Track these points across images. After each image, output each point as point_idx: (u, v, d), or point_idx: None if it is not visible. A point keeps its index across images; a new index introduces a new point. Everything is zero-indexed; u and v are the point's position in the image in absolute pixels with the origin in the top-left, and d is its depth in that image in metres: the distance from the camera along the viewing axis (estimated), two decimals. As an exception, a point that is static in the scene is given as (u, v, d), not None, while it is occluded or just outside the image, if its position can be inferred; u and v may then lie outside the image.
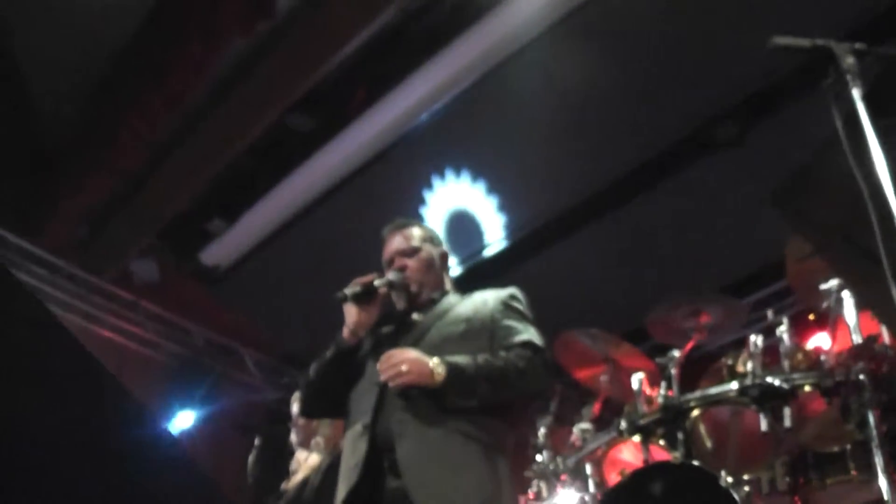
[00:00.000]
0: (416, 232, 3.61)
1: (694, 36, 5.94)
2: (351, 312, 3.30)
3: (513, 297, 3.38)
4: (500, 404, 3.12)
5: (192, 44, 6.34)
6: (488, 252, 7.57)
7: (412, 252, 3.51)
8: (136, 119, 6.95)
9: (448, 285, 3.60)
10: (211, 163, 7.42)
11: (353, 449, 3.05)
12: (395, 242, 3.56)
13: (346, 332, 3.31)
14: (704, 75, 6.08)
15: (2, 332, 0.88)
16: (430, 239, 3.64)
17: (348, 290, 3.30)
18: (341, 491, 3.02)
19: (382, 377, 2.98)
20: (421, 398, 2.96)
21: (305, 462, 4.99)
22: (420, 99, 6.72)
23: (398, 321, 3.45)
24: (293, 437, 5.12)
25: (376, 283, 3.34)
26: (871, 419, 3.40)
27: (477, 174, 7.39)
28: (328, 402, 3.41)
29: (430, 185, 7.52)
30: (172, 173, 7.51)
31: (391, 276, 3.42)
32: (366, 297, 3.31)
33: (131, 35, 6.64)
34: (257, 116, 6.94)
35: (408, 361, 2.98)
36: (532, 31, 6.18)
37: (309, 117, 7.14)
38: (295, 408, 5.17)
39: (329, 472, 4.30)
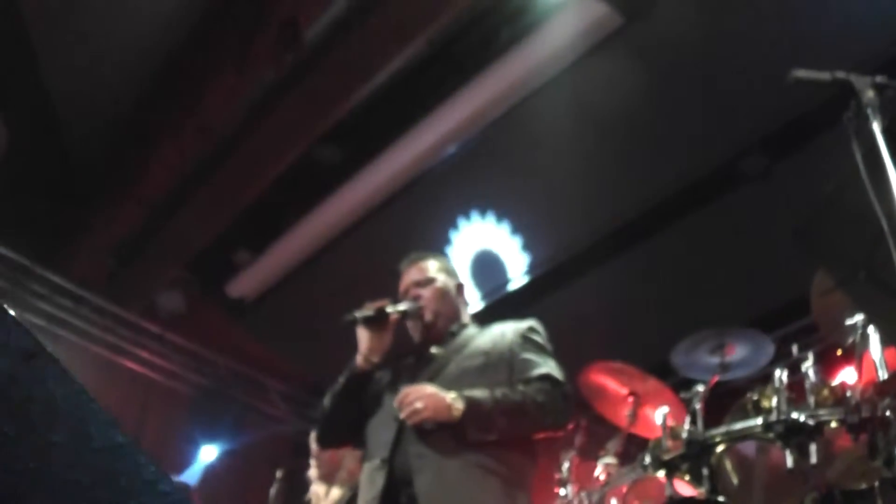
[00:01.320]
0: (431, 264, 3.63)
1: (722, 70, 5.94)
2: (363, 337, 3.31)
3: (531, 329, 3.38)
4: (521, 438, 3.11)
5: (222, 76, 6.41)
6: (512, 286, 7.54)
7: (426, 282, 3.53)
8: (166, 150, 7.02)
9: (466, 317, 3.60)
10: (239, 195, 7.46)
11: (371, 482, 3.05)
12: (411, 274, 3.58)
13: (359, 358, 3.32)
14: (731, 109, 6.06)
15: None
16: (446, 270, 3.65)
17: (359, 313, 3.31)
18: None
19: (401, 415, 2.97)
20: (439, 432, 2.95)
21: (327, 496, 4.99)
22: (447, 131, 6.74)
23: (416, 354, 3.45)
24: (312, 472, 5.13)
25: (388, 308, 3.35)
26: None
27: (502, 215, 7.38)
28: (343, 430, 3.42)
29: (455, 226, 7.51)
30: (200, 205, 7.55)
31: (405, 305, 3.43)
32: (377, 321, 3.32)
33: (162, 67, 6.73)
34: (285, 148, 6.99)
35: (424, 398, 2.98)
36: (558, 66, 6.19)
37: (336, 149, 7.17)
38: (314, 443, 5.18)
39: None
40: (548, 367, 3.19)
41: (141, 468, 0.96)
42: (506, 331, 3.36)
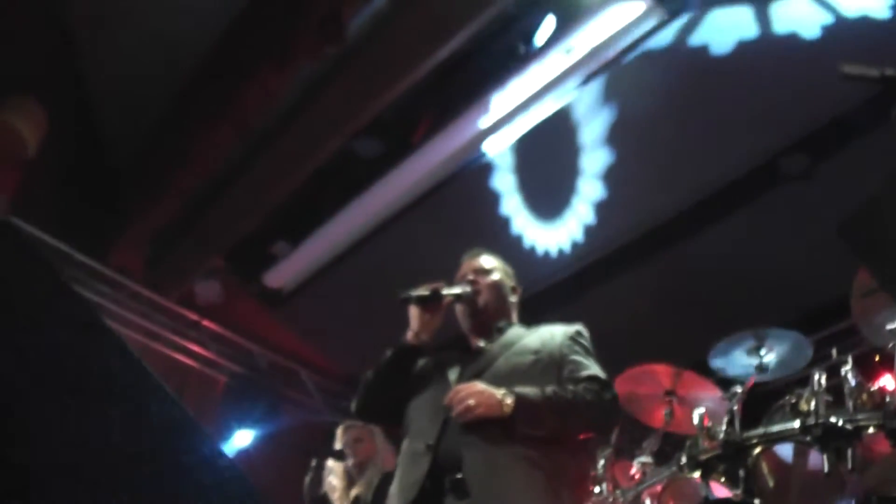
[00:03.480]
0: (492, 260, 3.69)
1: (765, 68, 5.90)
2: (415, 315, 3.39)
3: (579, 333, 3.42)
4: (568, 436, 3.13)
5: (263, 67, 6.42)
6: (553, 280, 7.53)
7: (485, 273, 3.59)
8: (206, 142, 7.05)
9: (514, 318, 3.63)
10: (277, 186, 7.49)
11: (413, 465, 3.07)
12: (472, 264, 3.64)
13: (409, 334, 3.39)
14: (775, 107, 6.03)
15: (45, 331, 0.89)
16: (504, 270, 3.70)
17: (414, 292, 3.39)
18: None
19: (452, 414, 3.01)
20: (488, 424, 2.98)
21: (347, 492, 5.04)
22: (486, 127, 6.73)
23: (462, 346, 3.50)
24: (346, 462, 5.15)
25: (444, 290, 3.42)
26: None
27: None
28: (383, 403, 3.44)
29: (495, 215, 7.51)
30: (239, 196, 7.59)
31: (460, 288, 3.49)
32: (431, 301, 3.39)
33: (203, 58, 6.76)
34: (324, 140, 7.00)
35: (476, 395, 3.00)
36: (602, 60, 6.17)
37: (376, 142, 7.18)
38: (351, 434, 5.22)
39: (381, 488, 4.33)
40: (595, 369, 3.24)
41: (200, 444, 0.96)
42: (555, 332, 3.40)
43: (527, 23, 6.26)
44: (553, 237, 7.44)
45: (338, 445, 5.31)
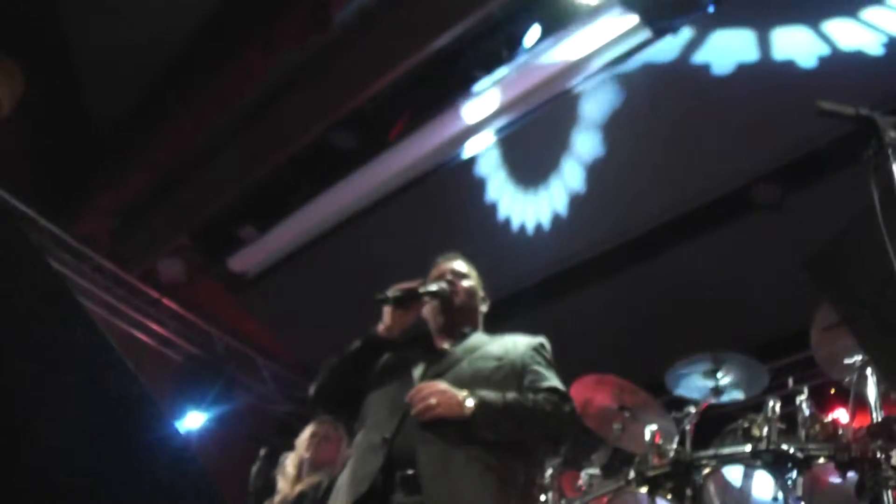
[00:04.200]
0: (468, 266, 3.73)
1: (742, 96, 5.95)
2: (388, 314, 3.40)
3: (542, 345, 3.45)
4: (523, 443, 3.14)
5: (248, 51, 6.40)
6: (519, 287, 7.53)
7: (462, 276, 3.63)
8: (184, 119, 7.01)
9: (480, 326, 3.66)
10: (250, 170, 7.45)
11: (366, 458, 3.06)
12: (451, 265, 3.68)
13: (380, 327, 3.41)
14: (750, 136, 6.07)
15: (13, 296, 0.88)
16: (478, 279, 3.73)
17: (391, 293, 3.39)
18: (342, 499, 3.03)
19: (413, 411, 3.01)
20: (446, 423, 2.99)
21: (294, 482, 4.99)
22: (464, 129, 6.73)
23: (426, 346, 3.51)
24: (302, 454, 5.11)
25: (421, 289, 3.43)
26: (887, 499, 3.35)
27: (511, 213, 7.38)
28: (342, 391, 3.44)
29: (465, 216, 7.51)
30: (211, 176, 7.55)
31: (436, 286, 3.50)
32: (407, 302, 3.41)
33: (188, 37, 6.72)
34: (301, 129, 6.98)
35: (437, 394, 3.02)
36: (582, 72, 6.19)
37: (352, 135, 7.17)
38: (322, 429, 5.18)
39: (330, 490, 4.30)
40: (555, 381, 3.27)
41: (157, 423, 0.96)
42: (518, 342, 3.43)
43: (512, 29, 6.26)
44: (524, 246, 7.44)
45: (303, 437, 5.25)
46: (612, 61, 6.08)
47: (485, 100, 6.55)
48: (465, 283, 3.60)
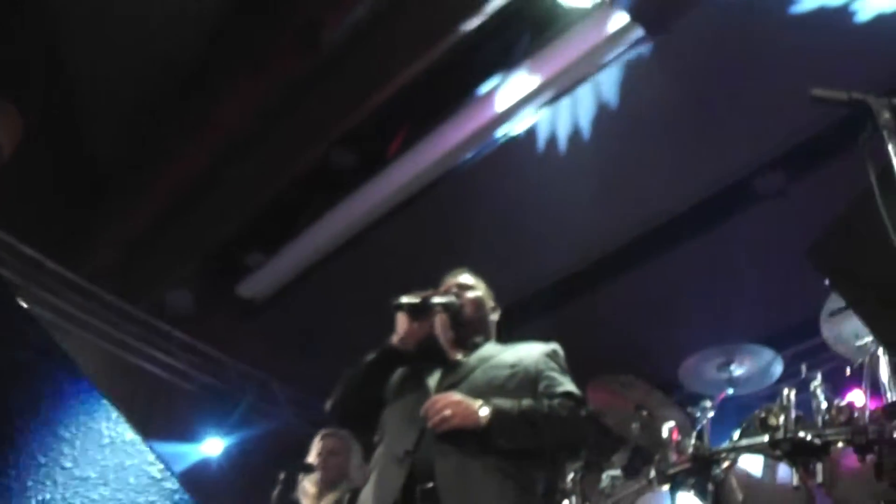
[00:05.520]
0: (475, 279, 3.77)
1: (740, 85, 5.94)
2: (402, 323, 3.43)
3: (555, 352, 3.48)
4: (541, 449, 3.15)
5: (241, 76, 6.43)
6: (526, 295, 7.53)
7: (469, 288, 3.67)
8: (182, 150, 7.04)
9: (493, 336, 3.68)
10: (253, 196, 7.47)
11: (390, 473, 3.09)
12: (456, 279, 3.72)
13: (394, 338, 3.44)
14: (750, 126, 6.07)
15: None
16: (487, 290, 3.77)
17: (405, 300, 3.42)
18: None
19: (429, 423, 3.04)
20: (464, 434, 3.02)
21: (319, 500, 5.00)
22: (464, 139, 6.74)
23: (440, 358, 3.53)
24: (315, 476, 5.12)
25: (434, 300, 3.47)
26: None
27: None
28: (359, 406, 3.48)
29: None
30: (213, 205, 7.57)
31: (447, 298, 3.54)
32: (421, 310, 3.44)
33: (181, 65, 6.74)
34: (300, 151, 7.00)
35: (452, 405, 3.05)
36: (578, 76, 6.19)
37: (352, 154, 7.17)
38: (327, 444, 5.18)
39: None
40: (570, 386, 3.30)
41: (149, 465, 0.98)
42: (531, 349, 3.46)
43: (504, 38, 6.27)
44: (534, 250, 7.42)
45: (312, 455, 5.27)
46: (609, 60, 6.08)
47: (485, 105, 6.56)
48: (472, 295, 3.63)
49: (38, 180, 7.26)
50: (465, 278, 3.72)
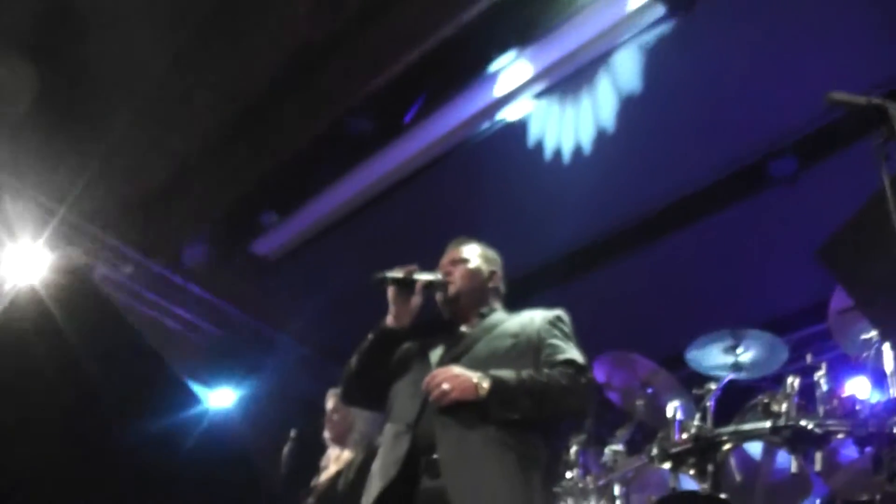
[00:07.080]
0: (471, 248, 3.75)
1: (755, 71, 5.94)
2: (392, 299, 3.45)
3: (559, 318, 3.47)
4: (542, 419, 3.19)
5: (262, 33, 6.41)
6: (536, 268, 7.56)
7: (460, 262, 3.65)
8: (200, 104, 7.03)
9: (496, 303, 3.69)
10: (269, 156, 7.50)
11: (394, 446, 3.14)
12: (450, 253, 3.72)
13: (389, 318, 3.46)
14: (764, 111, 6.07)
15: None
16: (485, 256, 3.75)
17: (389, 273, 3.46)
18: (375, 485, 3.11)
19: (431, 398, 3.08)
20: (464, 406, 3.05)
21: (338, 458, 5.06)
22: (479, 111, 6.75)
23: (445, 331, 3.55)
24: (326, 433, 5.19)
25: (415, 275, 3.48)
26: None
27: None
28: (367, 388, 3.52)
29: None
30: (231, 162, 7.59)
31: (432, 275, 3.56)
32: (404, 284, 3.46)
33: (202, 19, 6.72)
34: (319, 114, 7.01)
35: (451, 379, 3.07)
36: (597, 50, 6.19)
37: (369, 120, 7.18)
38: (329, 403, 5.24)
39: (363, 467, 4.37)
40: (573, 353, 3.29)
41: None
42: (534, 317, 3.46)
43: (525, 11, 6.26)
44: (545, 224, 7.44)
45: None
46: (630, 37, 6.07)
47: (503, 77, 6.56)
48: (463, 269, 3.62)
49: (53, 129, 7.28)
50: (462, 250, 3.71)
